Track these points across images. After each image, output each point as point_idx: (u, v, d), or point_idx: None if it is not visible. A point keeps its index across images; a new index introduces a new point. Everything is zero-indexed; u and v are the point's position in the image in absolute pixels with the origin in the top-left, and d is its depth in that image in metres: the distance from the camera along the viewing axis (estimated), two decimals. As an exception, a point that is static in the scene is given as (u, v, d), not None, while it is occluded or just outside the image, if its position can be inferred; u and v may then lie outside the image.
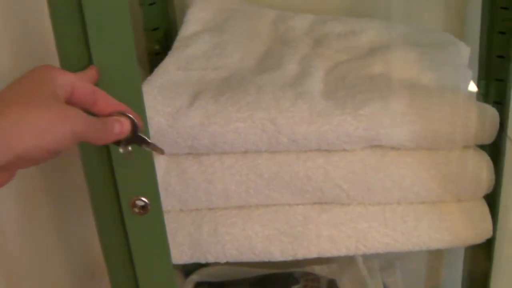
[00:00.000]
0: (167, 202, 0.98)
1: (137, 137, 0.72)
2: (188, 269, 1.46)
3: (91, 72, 0.71)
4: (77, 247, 1.15)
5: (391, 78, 1.02)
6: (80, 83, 0.68)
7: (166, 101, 0.95)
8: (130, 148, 0.72)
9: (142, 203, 0.79)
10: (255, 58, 1.10)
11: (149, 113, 0.92)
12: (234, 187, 0.97)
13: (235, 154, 0.96)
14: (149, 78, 1.01)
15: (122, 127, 0.70)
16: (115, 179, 0.79)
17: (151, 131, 0.93)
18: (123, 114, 0.70)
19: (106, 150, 0.78)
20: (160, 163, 0.97)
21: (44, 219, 1.06)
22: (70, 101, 0.67)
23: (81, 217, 0.95)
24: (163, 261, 0.86)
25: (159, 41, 1.28)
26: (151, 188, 0.80)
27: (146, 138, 0.73)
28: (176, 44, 1.14)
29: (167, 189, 0.97)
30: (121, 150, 0.72)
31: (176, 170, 0.97)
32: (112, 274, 0.88)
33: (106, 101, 0.70)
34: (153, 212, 0.80)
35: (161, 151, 0.75)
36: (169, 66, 1.06)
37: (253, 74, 1.03)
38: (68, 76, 0.67)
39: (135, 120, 0.71)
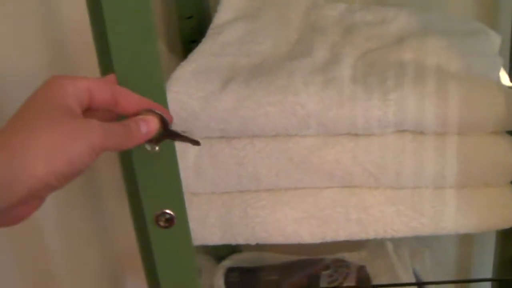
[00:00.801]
0: (198, 185, 1.00)
1: (169, 132, 0.68)
2: (220, 255, 1.48)
3: (109, 77, 0.66)
4: (112, 241, 1.17)
5: (420, 65, 1.03)
6: (96, 86, 0.62)
7: (199, 85, 0.97)
8: (157, 148, 0.68)
9: (167, 216, 0.76)
10: (287, 45, 1.12)
11: (183, 97, 0.95)
12: (264, 171, 0.98)
13: (266, 138, 0.98)
14: (182, 63, 1.02)
15: (149, 126, 0.65)
16: (139, 191, 0.76)
17: (185, 115, 0.96)
18: (149, 111, 0.66)
19: (129, 161, 0.73)
20: (192, 146, 0.98)
21: (81, 213, 1.08)
22: (91, 108, 0.63)
23: (118, 212, 0.96)
24: (189, 275, 0.84)
25: (193, 28, 1.30)
26: (177, 200, 0.77)
27: (179, 132, 0.69)
28: (210, 31, 1.16)
29: (199, 171, 0.99)
30: (148, 147, 0.68)
31: (208, 153, 0.99)
32: (148, 276, 0.88)
33: (128, 100, 0.65)
34: (179, 225, 0.77)
35: (196, 143, 0.71)
36: (203, 52, 1.07)
37: (284, 61, 1.04)
38: (81, 82, 0.61)
39: (163, 115, 0.67)
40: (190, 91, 0.96)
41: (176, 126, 0.95)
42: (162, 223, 0.77)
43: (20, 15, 0.90)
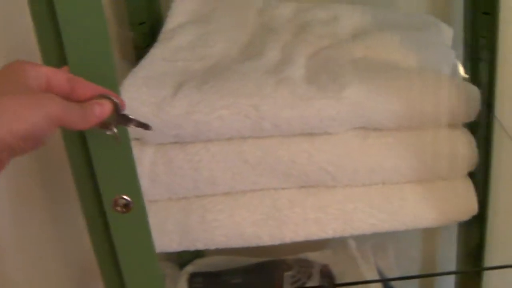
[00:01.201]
0: (155, 191, 0.99)
1: (120, 117, 0.71)
2: (182, 261, 1.47)
3: (63, 69, 0.70)
4: (71, 244, 1.16)
5: (373, 61, 1.03)
6: (54, 73, 0.67)
7: (151, 91, 0.96)
8: (115, 130, 0.71)
9: (124, 201, 0.78)
10: (239, 47, 1.11)
11: (134, 104, 0.94)
12: (220, 174, 0.97)
13: (220, 141, 0.97)
14: (134, 69, 1.02)
15: (102, 108, 0.68)
16: (96, 178, 0.78)
17: (137, 122, 0.95)
18: (103, 97, 0.69)
19: (86, 148, 0.76)
20: (147, 152, 0.98)
21: (38, 216, 1.07)
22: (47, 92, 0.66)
23: (75, 213, 0.96)
24: (148, 259, 0.85)
25: (145, 34, 1.29)
26: (133, 186, 0.78)
27: (130, 116, 0.72)
28: (162, 36, 1.15)
29: (155, 178, 0.98)
30: (107, 132, 0.71)
31: (163, 159, 0.98)
32: (103, 270, 0.88)
33: (84, 87, 0.69)
34: (136, 210, 0.79)
35: (147, 127, 0.74)
36: (154, 57, 1.07)
37: (236, 63, 1.04)
38: (40, 68, 0.66)
39: (116, 100, 0.70)
40: (142, 97, 0.95)
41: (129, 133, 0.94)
42: (119, 209, 0.78)
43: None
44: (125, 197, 0.78)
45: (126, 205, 0.78)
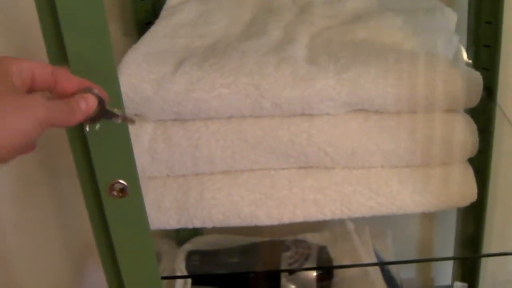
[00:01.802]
0: (153, 168, 0.99)
1: (105, 112, 0.70)
2: (181, 239, 1.47)
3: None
4: (72, 225, 1.16)
5: (375, 43, 1.02)
6: (37, 66, 0.65)
7: (151, 68, 0.95)
8: (97, 126, 0.70)
9: (120, 186, 0.78)
10: (241, 25, 1.11)
11: (134, 80, 0.94)
12: (219, 152, 0.97)
13: (220, 120, 0.97)
14: (134, 46, 1.01)
15: (87, 103, 0.67)
16: (92, 163, 0.77)
17: (137, 98, 0.94)
18: (87, 91, 0.68)
19: (82, 133, 0.75)
20: (146, 129, 0.97)
21: (39, 196, 1.07)
22: (32, 87, 0.66)
23: (76, 194, 0.96)
24: (144, 244, 0.84)
25: (148, 11, 1.29)
26: (129, 170, 0.78)
27: (114, 111, 0.70)
28: (163, 12, 1.15)
29: (154, 155, 0.98)
30: (87, 128, 0.70)
31: (162, 136, 0.97)
32: (102, 255, 0.87)
33: (67, 80, 0.68)
34: (132, 195, 0.78)
35: (131, 121, 0.73)
36: (156, 34, 1.06)
37: (238, 41, 1.03)
38: (23, 63, 0.64)
39: (100, 95, 0.69)
40: (142, 74, 0.94)
41: (128, 110, 0.94)
42: (115, 193, 0.78)
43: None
44: (121, 181, 0.77)
45: (122, 190, 0.78)
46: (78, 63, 0.70)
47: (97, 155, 0.76)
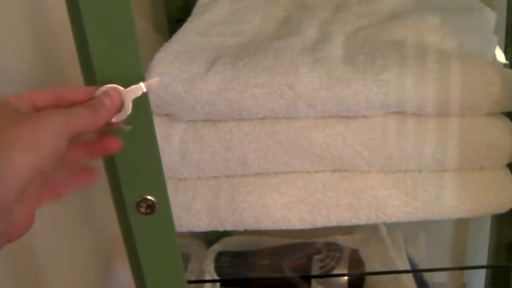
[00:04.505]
0: (184, 169, 0.97)
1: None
2: (210, 239, 1.46)
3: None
4: (99, 228, 1.15)
5: (412, 43, 0.99)
6: (35, 93, 0.60)
7: (183, 66, 0.93)
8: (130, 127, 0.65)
9: (149, 202, 0.73)
10: (274, 23, 1.09)
11: (166, 79, 0.92)
12: (252, 154, 0.95)
13: (253, 121, 0.95)
14: (166, 44, 1.00)
15: (111, 98, 0.63)
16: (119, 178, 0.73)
17: (168, 98, 0.92)
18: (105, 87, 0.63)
19: None
20: (177, 129, 0.96)
21: (68, 201, 1.06)
22: (37, 108, 0.61)
23: (104, 198, 0.94)
24: (172, 263, 0.80)
25: (179, 8, 1.27)
26: (158, 185, 0.73)
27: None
28: (196, 10, 1.13)
29: (184, 156, 0.96)
30: (122, 129, 0.65)
31: (193, 137, 0.95)
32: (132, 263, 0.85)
33: (73, 92, 0.62)
34: (161, 211, 0.74)
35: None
36: (187, 32, 1.05)
37: (271, 40, 1.01)
38: (21, 93, 0.59)
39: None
40: (174, 72, 0.92)
41: (159, 109, 0.92)
42: (143, 210, 0.74)
43: (7, 14, 0.86)
44: (149, 197, 0.73)
45: (151, 206, 0.74)
46: (102, 65, 0.66)
47: (124, 170, 0.72)
